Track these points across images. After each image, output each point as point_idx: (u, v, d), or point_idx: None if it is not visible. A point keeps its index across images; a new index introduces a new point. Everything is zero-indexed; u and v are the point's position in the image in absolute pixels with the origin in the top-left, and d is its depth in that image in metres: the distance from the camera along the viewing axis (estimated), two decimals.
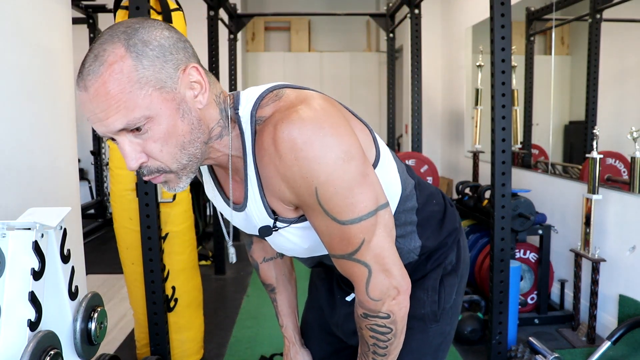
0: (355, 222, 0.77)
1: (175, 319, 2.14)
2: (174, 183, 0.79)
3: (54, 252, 1.06)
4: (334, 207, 0.76)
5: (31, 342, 0.92)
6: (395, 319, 0.85)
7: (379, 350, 0.88)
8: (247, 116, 0.80)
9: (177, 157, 0.76)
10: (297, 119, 0.73)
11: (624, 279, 2.44)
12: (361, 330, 0.89)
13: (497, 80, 2.09)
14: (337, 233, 0.79)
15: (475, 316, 2.51)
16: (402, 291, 0.84)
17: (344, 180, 0.75)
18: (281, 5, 6.44)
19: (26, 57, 1.56)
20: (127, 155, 0.74)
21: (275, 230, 0.86)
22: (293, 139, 0.72)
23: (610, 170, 2.64)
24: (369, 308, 0.84)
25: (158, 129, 0.72)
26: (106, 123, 0.71)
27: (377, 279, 0.81)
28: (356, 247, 0.79)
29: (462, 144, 4.72)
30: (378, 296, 0.82)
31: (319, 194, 0.75)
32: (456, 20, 4.85)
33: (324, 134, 0.73)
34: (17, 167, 1.51)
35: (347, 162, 0.74)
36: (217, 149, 0.82)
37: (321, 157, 0.72)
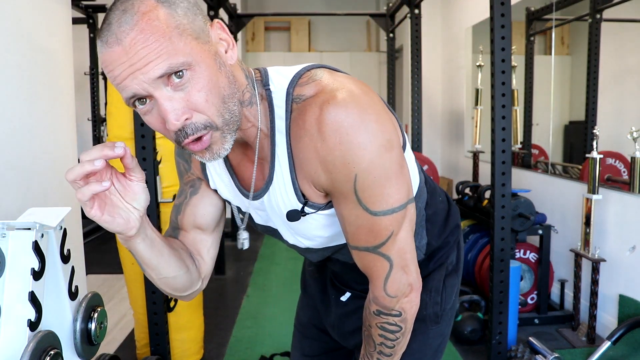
0: (387, 213, 0.76)
1: (175, 319, 2.14)
2: (219, 145, 0.72)
3: (54, 252, 1.06)
4: (369, 196, 0.74)
5: (31, 342, 0.92)
6: (406, 317, 0.84)
7: (385, 350, 0.86)
8: (281, 92, 0.76)
9: (220, 110, 0.70)
10: (343, 102, 0.70)
11: (624, 279, 2.44)
12: (370, 329, 0.86)
13: (497, 80, 2.09)
14: (366, 224, 0.76)
15: (475, 316, 2.51)
16: (415, 289, 0.83)
17: (384, 169, 0.73)
18: (281, 5, 6.44)
19: (26, 57, 1.56)
20: (169, 112, 0.66)
21: (304, 215, 0.81)
22: (339, 121, 0.70)
23: (610, 170, 2.64)
24: (384, 305, 0.83)
25: (201, 78, 0.67)
26: (145, 70, 0.64)
27: (395, 275, 0.80)
28: (383, 240, 0.77)
29: (462, 144, 4.72)
30: (394, 292, 0.81)
31: (358, 181, 0.73)
32: (456, 20, 4.85)
33: (369, 120, 0.71)
34: (17, 167, 1.51)
35: (389, 151, 0.73)
36: (247, 117, 0.77)
37: (366, 143, 0.70)
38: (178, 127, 0.67)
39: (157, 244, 0.82)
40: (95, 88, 4.88)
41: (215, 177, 0.90)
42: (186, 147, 0.71)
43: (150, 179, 1.98)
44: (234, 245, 4.59)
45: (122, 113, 2.04)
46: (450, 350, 2.46)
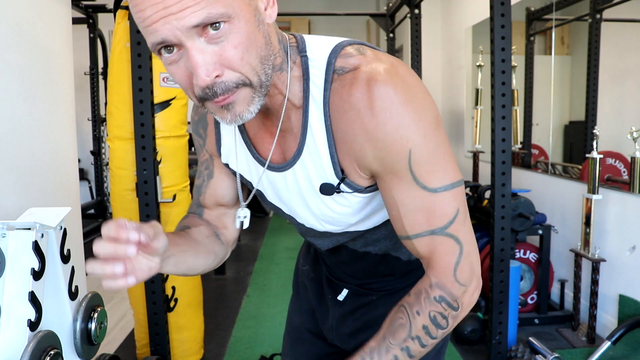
0: (449, 189, 0.70)
1: (175, 319, 2.14)
2: (245, 105, 0.65)
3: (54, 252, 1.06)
4: (427, 172, 0.69)
5: (31, 342, 0.92)
6: (459, 314, 0.75)
7: (412, 347, 0.74)
8: (320, 61, 0.71)
9: (257, 69, 0.64)
10: (391, 78, 0.66)
11: (624, 279, 2.44)
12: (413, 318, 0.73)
13: (497, 80, 2.09)
14: (426, 204, 0.70)
15: (475, 316, 2.51)
16: (479, 284, 0.75)
17: (438, 144, 0.69)
18: (281, 5, 6.39)
19: (26, 57, 1.56)
20: (200, 65, 0.60)
21: (338, 192, 0.75)
22: (390, 97, 0.66)
23: (610, 170, 2.64)
24: (451, 293, 0.73)
25: (238, 33, 0.61)
26: (180, 16, 0.57)
27: (466, 261, 0.72)
28: (450, 219, 0.71)
29: (462, 144, 4.72)
30: (464, 280, 0.72)
31: (412, 156, 0.68)
32: (456, 20, 4.85)
33: (418, 97, 0.68)
34: (17, 167, 1.51)
35: (439, 127, 0.70)
36: (276, 83, 0.71)
37: (418, 118, 0.67)
38: (207, 84, 0.61)
39: (181, 258, 0.80)
40: (95, 88, 4.88)
41: (229, 150, 0.85)
42: (212, 104, 0.65)
43: (150, 179, 1.98)
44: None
45: (122, 113, 2.04)
46: (451, 350, 2.46)
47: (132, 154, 2.02)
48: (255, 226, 5.44)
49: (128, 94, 1.99)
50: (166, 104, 2.07)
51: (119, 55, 2.04)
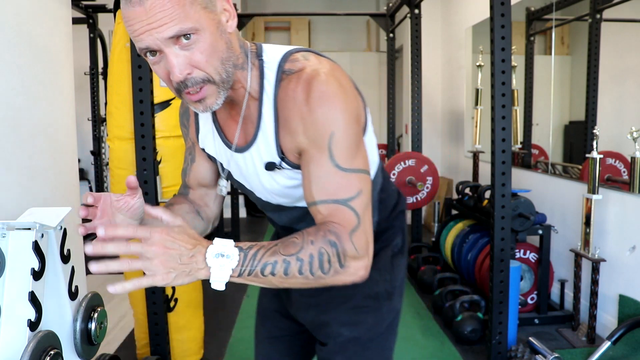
0: (356, 172, 0.85)
1: (175, 319, 2.14)
2: (213, 99, 0.84)
3: (54, 252, 1.06)
4: (342, 153, 0.84)
5: (31, 342, 0.92)
6: (342, 275, 0.82)
7: (292, 267, 0.79)
8: (272, 64, 0.89)
9: (218, 69, 0.82)
10: (326, 78, 0.84)
11: (624, 279, 2.44)
12: (308, 243, 0.80)
13: (497, 80, 2.09)
14: (335, 178, 0.84)
15: (475, 316, 2.51)
16: (367, 271, 0.85)
17: (354, 135, 0.86)
18: (281, 5, 6.44)
19: (26, 57, 1.56)
20: (175, 66, 0.79)
21: (280, 168, 0.91)
22: (323, 91, 0.83)
23: (610, 170, 2.64)
24: (343, 245, 0.81)
25: (204, 42, 0.80)
26: (159, 30, 0.76)
27: (364, 234, 0.84)
28: (353, 194, 0.84)
29: (462, 144, 4.72)
30: (359, 247, 0.82)
31: (334, 138, 0.84)
32: (456, 20, 4.85)
33: (346, 95, 0.86)
34: (17, 167, 1.51)
35: (358, 124, 0.87)
36: (239, 79, 0.89)
37: (344, 110, 0.84)
38: (180, 80, 0.80)
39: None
40: (95, 88, 4.88)
41: (205, 136, 1.03)
42: (185, 97, 0.84)
43: (150, 179, 1.98)
44: None
45: (122, 113, 2.04)
46: (450, 350, 2.46)
47: (132, 154, 2.01)
48: (255, 226, 5.44)
49: (128, 94, 1.99)
50: (166, 104, 2.07)
51: (119, 55, 2.04)
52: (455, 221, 3.39)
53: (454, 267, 3.26)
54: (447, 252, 3.31)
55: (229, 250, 0.78)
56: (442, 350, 2.47)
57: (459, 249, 3.13)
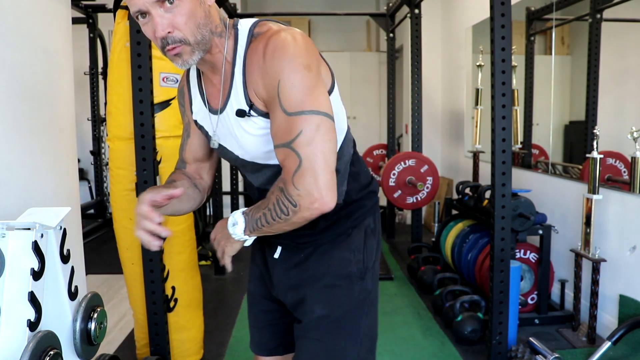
0: (299, 114, 0.95)
1: (175, 319, 2.14)
2: (188, 55, 0.99)
3: (54, 252, 1.06)
4: (287, 99, 0.96)
5: (31, 342, 0.92)
6: (297, 214, 0.97)
7: (268, 218, 1.01)
8: (244, 31, 1.03)
9: (194, 32, 0.98)
10: (283, 35, 0.98)
11: (625, 279, 2.44)
12: (270, 195, 1.01)
13: (497, 80, 2.09)
14: (284, 123, 0.96)
15: (475, 316, 2.51)
16: (321, 203, 0.95)
17: (301, 80, 0.96)
18: (281, 5, 6.44)
19: (26, 57, 1.56)
20: (158, 24, 0.95)
21: (249, 116, 1.02)
22: (277, 43, 0.96)
23: (610, 170, 2.64)
24: (288, 190, 0.97)
25: (184, 7, 0.95)
26: None
27: (304, 175, 0.95)
28: (294, 136, 0.95)
29: (462, 144, 4.72)
30: (300, 186, 0.95)
31: (280, 85, 0.96)
32: (456, 20, 4.85)
33: (299, 46, 0.97)
34: (17, 167, 1.51)
35: (308, 70, 0.97)
36: (217, 44, 1.03)
37: (291, 59, 0.96)
38: (162, 36, 0.96)
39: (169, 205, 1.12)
40: (95, 88, 4.88)
41: (197, 108, 1.15)
42: (167, 53, 0.99)
43: (150, 179, 1.98)
44: None
45: (122, 113, 2.04)
46: (451, 351, 2.46)
47: (132, 154, 2.01)
48: None
49: (128, 93, 1.99)
50: (166, 104, 2.07)
51: (119, 55, 2.04)
52: (456, 221, 3.38)
53: (454, 267, 3.26)
54: (447, 252, 3.31)
55: (237, 219, 1.04)
56: (442, 351, 2.47)
57: (459, 249, 3.13)
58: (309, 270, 1.14)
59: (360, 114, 6.65)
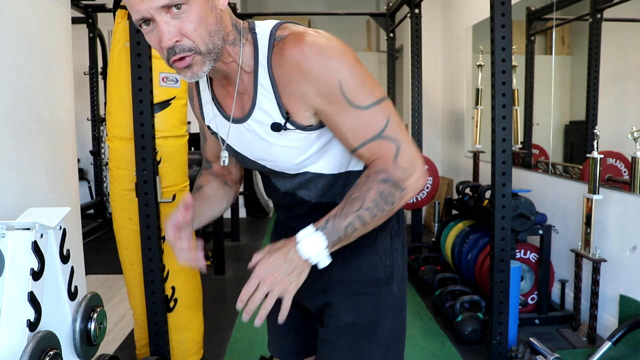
0: (377, 103, 0.92)
1: (175, 319, 2.14)
2: (198, 67, 0.89)
3: (54, 252, 1.06)
4: (357, 95, 0.90)
5: (30, 343, 0.92)
6: (405, 195, 0.93)
7: (366, 216, 0.92)
8: (264, 34, 0.94)
9: (205, 40, 0.88)
10: (317, 35, 0.91)
11: (625, 279, 2.44)
12: (367, 192, 0.92)
13: (497, 80, 2.09)
14: (363, 119, 0.91)
15: (476, 316, 2.51)
16: (422, 171, 0.94)
17: (361, 73, 0.92)
18: (281, 5, 6.44)
19: (26, 56, 1.56)
20: (164, 33, 0.85)
21: (285, 129, 0.95)
22: (318, 45, 0.89)
23: (610, 170, 2.64)
24: (395, 175, 0.92)
25: (193, 12, 0.85)
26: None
27: (406, 152, 0.92)
28: (384, 125, 0.92)
29: (462, 143, 4.72)
30: (407, 165, 0.92)
31: (343, 85, 0.89)
32: (456, 20, 4.85)
33: (338, 44, 0.92)
34: (17, 167, 1.51)
35: (358, 62, 0.93)
36: (229, 53, 0.94)
37: (342, 56, 0.90)
38: (169, 46, 0.86)
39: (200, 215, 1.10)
40: (95, 88, 4.88)
41: (208, 114, 1.08)
42: (173, 64, 0.89)
43: (150, 179, 1.98)
44: (234, 245, 4.59)
45: (122, 113, 2.04)
46: (451, 351, 2.46)
47: (131, 154, 2.01)
48: (255, 226, 5.44)
49: (128, 93, 1.99)
50: (166, 104, 2.07)
51: (119, 55, 2.03)
52: (456, 221, 3.38)
53: (454, 268, 3.26)
54: (448, 252, 3.31)
55: (312, 238, 0.90)
56: (442, 351, 2.47)
57: (459, 249, 3.13)
58: (333, 274, 1.08)
59: None
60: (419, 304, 3.07)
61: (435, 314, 2.89)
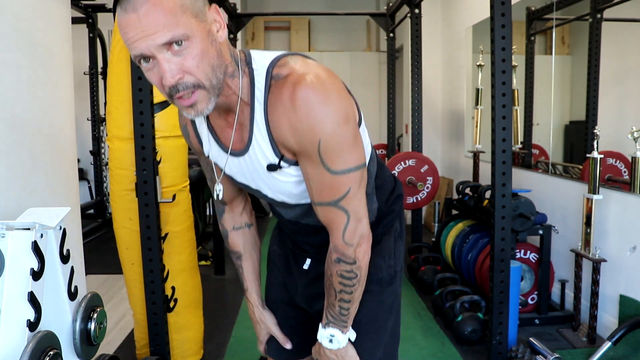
0: (345, 172, 0.92)
1: (175, 319, 2.14)
2: (203, 104, 0.87)
3: (54, 252, 1.06)
4: (330, 158, 0.90)
5: (30, 343, 0.92)
6: (360, 265, 0.99)
7: (345, 297, 1.02)
8: (262, 70, 0.93)
9: (209, 75, 0.86)
10: (311, 82, 0.87)
11: (625, 279, 2.44)
12: (331, 277, 1.02)
13: (497, 80, 2.09)
14: (328, 182, 0.93)
15: (476, 316, 2.51)
16: (366, 239, 0.99)
17: (342, 137, 0.90)
18: (281, 4, 6.44)
19: (25, 56, 1.56)
20: (166, 71, 0.82)
21: (280, 168, 0.97)
22: (308, 97, 0.86)
23: (610, 170, 2.64)
24: (343, 252, 0.98)
25: (195, 48, 0.83)
26: (153, 37, 0.79)
27: (351, 226, 0.96)
28: (342, 195, 0.94)
29: (462, 144, 4.72)
30: (351, 241, 0.97)
31: (321, 145, 0.89)
32: (456, 20, 4.85)
33: (332, 98, 0.88)
34: (17, 167, 1.51)
35: (347, 124, 0.90)
36: (229, 86, 0.92)
37: (329, 116, 0.88)
38: (172, 84, 0.83)
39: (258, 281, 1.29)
40: (95, 88, 4.88)
41: (206, 143, 1.08)
42: (177, 102, 0.87)
43: (150, 179, 1.98)
44: None
45: (122, 113, 2.04)
46: (451, 351, 2.46)
47: (131, 154, 2.01)
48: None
49: (127, 93, 1.99)
50: (166, 104, 2.07)
51: (119, 54, 2.03)
52: (456, 221, 3.38)
53: (454, 268, 3.26)
54: (448, 252, 3.31)
55: (330, 332, 1.06)
56: (442, 351, 2.46)
57: (459, 249, 3.13)
58: None
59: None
60: (419, 304, 3.07)
61: (435, 314, 2.89)
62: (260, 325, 1.28)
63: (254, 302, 1.27)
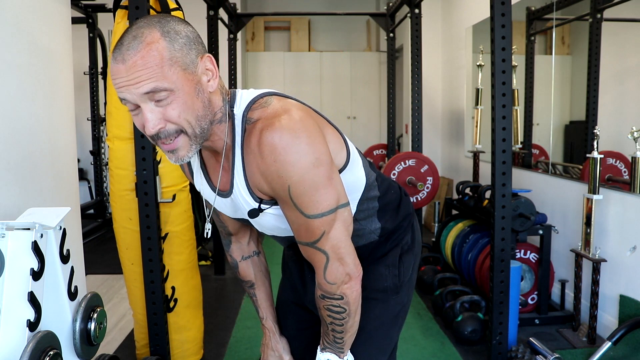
0: (318, 216, 0.93)
1: (174, 319, 2.14)
2: (185, 150, 0.90)
3: (53, 252, 1.06)
4: (302, 202, 0.91)
5: (30, 343, 0.92)
6: (348, 300, 1.00)
7: (336, 328, 1.04)
8: (239, 115, 0.95)
9: (192, 124, 0.88)
10: (278, 127, 0.87)
11: (625, 279, 2.44)
12: (320, 310, 1.04)
13: (497, 80, 2.09)
14: (303, 224, 0.94)
15: (476, 316, 2.51)
16: (353, 277, 0.99)
17: (312, 182, 0.90)
18: (281, 4, 6.43)
19: (26, 56, 1.56)
20: (149, 120, 0.86)
21: (262, 211, 1.00)
22: (274, 144, 0.87)
23: (610, 170, 2.64)
24: (326, 290, 0.99)
25: (179, 100, 0.86)
26: (137, 86, 0.83)
27: (332, 266, 0.97)
28: (317, 237, 0.95)
29: (462, 144, 4.72)
30: (333, 280, 0.98)
31: (291, 190, 0.90)
32: (456, 20, 4.85)
33: (299, 142, 0.87)
34: (17, 167, 1.51)
35: (317, 167, 0.89)
36: (216, 132, 0.95)
37: (296, 161, 0.87)
38: (153, 133, 0.87)
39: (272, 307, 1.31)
40: (95, 88, 4.88)
41: (197, 177, 1.11)
42: (159, 145, 0.90)
43: (150, 179, 1.98)
44: None
45: (122, 113, 2.04)
46: (451, 351, 2.46)
47: (131, 154, 2.01)
48: None
49: None
50: None
51: None
52: (456, 221, 3.38)
53: (454, 268, 3.26)
54: (448, 252, 3.31)
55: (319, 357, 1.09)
56: (442, 351, 2.46)
57: (459, 249, 3.13)
58: None
59: (360, 114, 6.65)
60: (419, 304, 3.07)
61: (435, 314, 2.89)
62: (273, 352, 1.29)
63: (270, 329, 1.29)
